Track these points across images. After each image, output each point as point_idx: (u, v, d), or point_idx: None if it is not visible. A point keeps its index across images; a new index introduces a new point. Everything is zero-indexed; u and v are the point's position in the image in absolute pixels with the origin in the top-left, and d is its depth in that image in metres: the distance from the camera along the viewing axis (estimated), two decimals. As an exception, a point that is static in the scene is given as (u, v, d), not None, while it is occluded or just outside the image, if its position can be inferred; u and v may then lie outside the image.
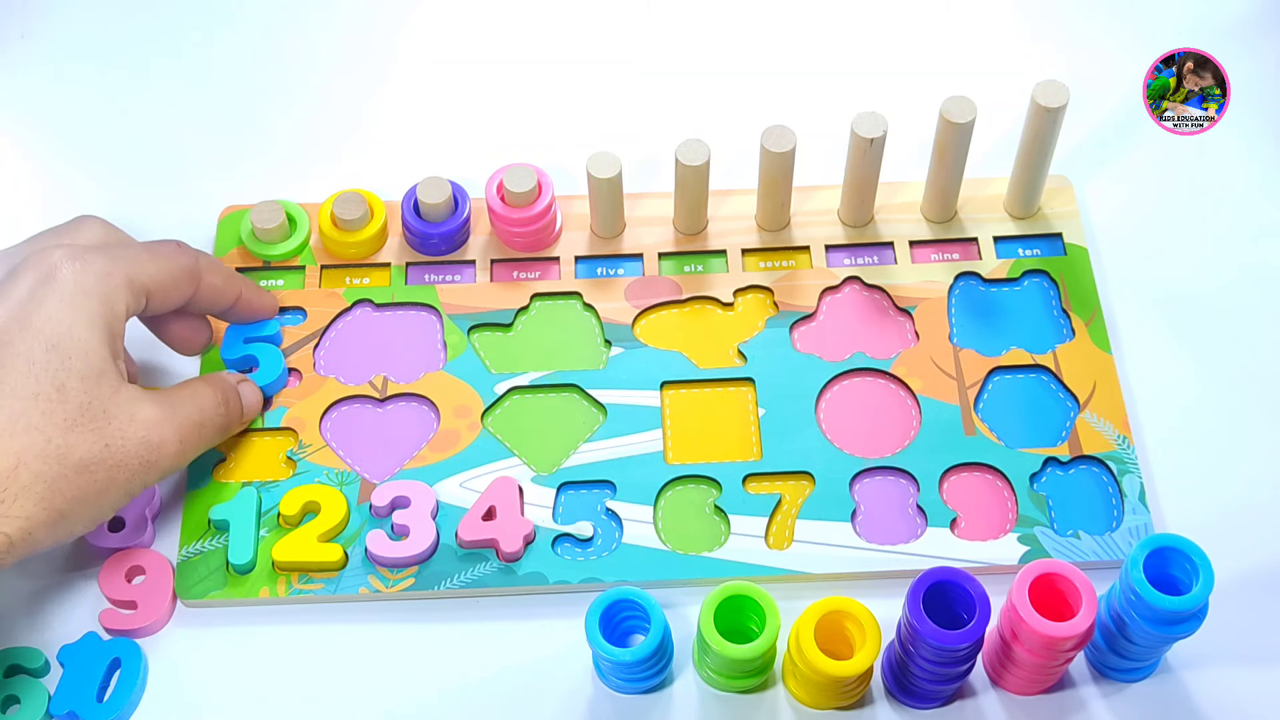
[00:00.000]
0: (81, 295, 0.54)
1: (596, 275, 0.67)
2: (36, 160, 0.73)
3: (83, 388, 0.53)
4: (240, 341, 0.63)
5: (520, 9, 0.78)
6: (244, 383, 0.62)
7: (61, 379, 0.53)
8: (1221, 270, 0.67)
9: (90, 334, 0.54)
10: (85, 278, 0.55)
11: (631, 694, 0.57)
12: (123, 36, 0.76)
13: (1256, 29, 0.75)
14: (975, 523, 0.60)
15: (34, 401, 0.52)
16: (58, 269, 0.54)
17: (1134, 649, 0.54)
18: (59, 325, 0.53)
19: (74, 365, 0.53)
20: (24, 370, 0.52)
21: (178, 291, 0.59)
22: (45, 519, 0.52)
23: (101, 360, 0.54)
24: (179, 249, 0.59)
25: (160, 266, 0.58)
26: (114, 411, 0.54)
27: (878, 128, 0.62)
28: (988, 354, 0.64)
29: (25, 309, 0.53)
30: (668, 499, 0.61)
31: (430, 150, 0.72)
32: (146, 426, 0.55)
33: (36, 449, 0.51)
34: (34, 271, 0.54)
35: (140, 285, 0.57)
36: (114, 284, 0.55)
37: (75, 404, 0.53)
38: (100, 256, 0.56)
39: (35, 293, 0.54)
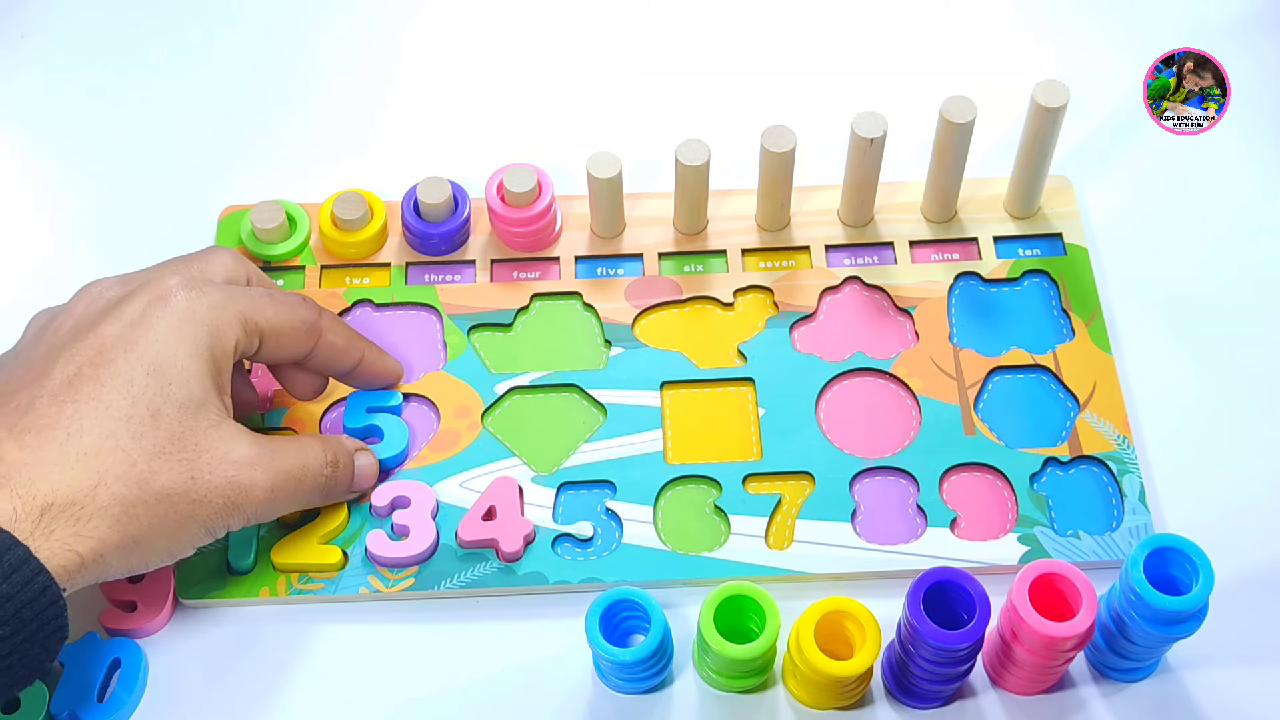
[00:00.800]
0: (191, 323, 0.54)
1: (596, 275, 0.67)
2: (36, 160, 0.73)
3: (178, 416, 0.52)
4: (363, 410, 0.62)
5: (520, 9, 0.78)
6: (362, 451, 0.60)
7: (158, 404, 0.52)
8: (1221, 270, 0.67)
9: (194, 363, 0.53)
10: (198, 305, 0.54)
11: (631, 694, 0.57)
12: (122, 36, 0.76)
13: (1256, 29, 0.75)
14: (975, 523, 0.60)
15: (125, 423, 0.51)
16: (172, 294, 0.54)
17: (1134, 649, 0.54)
18: (164, 349, 0.53)
19: (172, 392, 0.52)
20: (122, 390, 0.52)
21: (294, 342, 0.58)
22: (118, 542, 0.50)
23: (202, 390, 0.53)
24: (303, 302, 0.58)
25: (279, 312, 0.57)
26: (206, 445, 0.53)
27: (878, 128, 0.62)
28: (988, 354, 0.64)
29: (134, 329, 0.53)
30: (668, 499, 0.61)
31: (430, 150, 0.72)
32: (238, 467, 0.54)
33: (119, 470, 0.50)
34: (148, 294, 0.54)
35: (255, 325, 0.56)
36: (226, 317, 0.55)
37: (167, 431, 0.52)
38: (218, 290, 0.55)
39: (146, 314, 0.53)
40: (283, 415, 0.63)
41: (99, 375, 0.52)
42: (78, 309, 0.55)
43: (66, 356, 0.52)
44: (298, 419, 0.63)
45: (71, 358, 0.52)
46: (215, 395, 0.54)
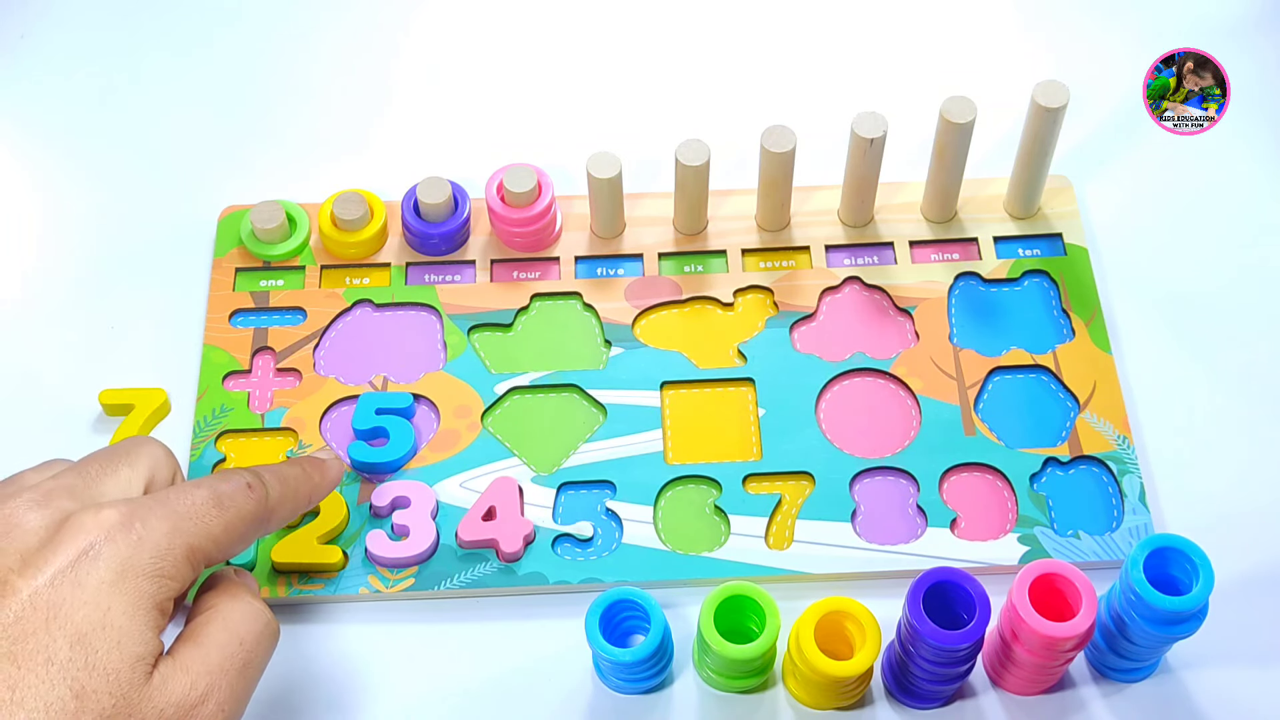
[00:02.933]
0: (130, 577, 0.45)
1: (596, 275, 0.67)
2: (36, 160, 0.73)
3: (107, 689, 0.44)
4: (373, 412, 0.62)
5: (520, 9, 0.78)
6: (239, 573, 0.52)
7: (82, 682, 0.44)
8: (1221, 270, 0.67)
9: (130, 621, 0.45)
10: (139, 556, 0.45)
11: (631, 694, 0.57)
12: (122, 37, 0.76)
13: (1256, 29, 0.75)
14: (975, 523, 0.60)
15: (46, 713, 0.43)
16: (106, 543, 0.45)
17: (1134, 649, 0.54)
18: (92, 613, 0.44)
19: (100, 662, 0.44)
20: (40, 672, 0.43)
21: (243, 545, 0.50)
22: None
23: (139, 648, 0.45)
24: (249, 491, 0.50)
25: (227, 523, 0.48)
26: (141, 710, 0.45)
27: (878, 128, 0.62)
28: (988, 354, 0.64)
29: (57, 590, 0.44)
30: (668, 499, 0.61)
31: (430, 150, 0.72)
32: (179, 709, 0.45)
33: None
34: (77, 541, 0.45)
35: (202, 554, 0.47)
36: (172, 560, 0.46)
37: (93, 713, 0.44)
38: (161, 523, 0.46)
39: (75, 570, 0.44)
40: (283, 415, 0.63)
41: (14, 654, 0.43)
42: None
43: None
44: (297, 418, 0.63)
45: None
46: (151, 645, 0.45)
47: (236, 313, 0.66)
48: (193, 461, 0.62)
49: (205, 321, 0.65)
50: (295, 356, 0.64)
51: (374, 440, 0.62)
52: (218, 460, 0.62)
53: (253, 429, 0.62)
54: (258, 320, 0.66)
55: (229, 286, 0.66)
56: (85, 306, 0.67)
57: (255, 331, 0.65)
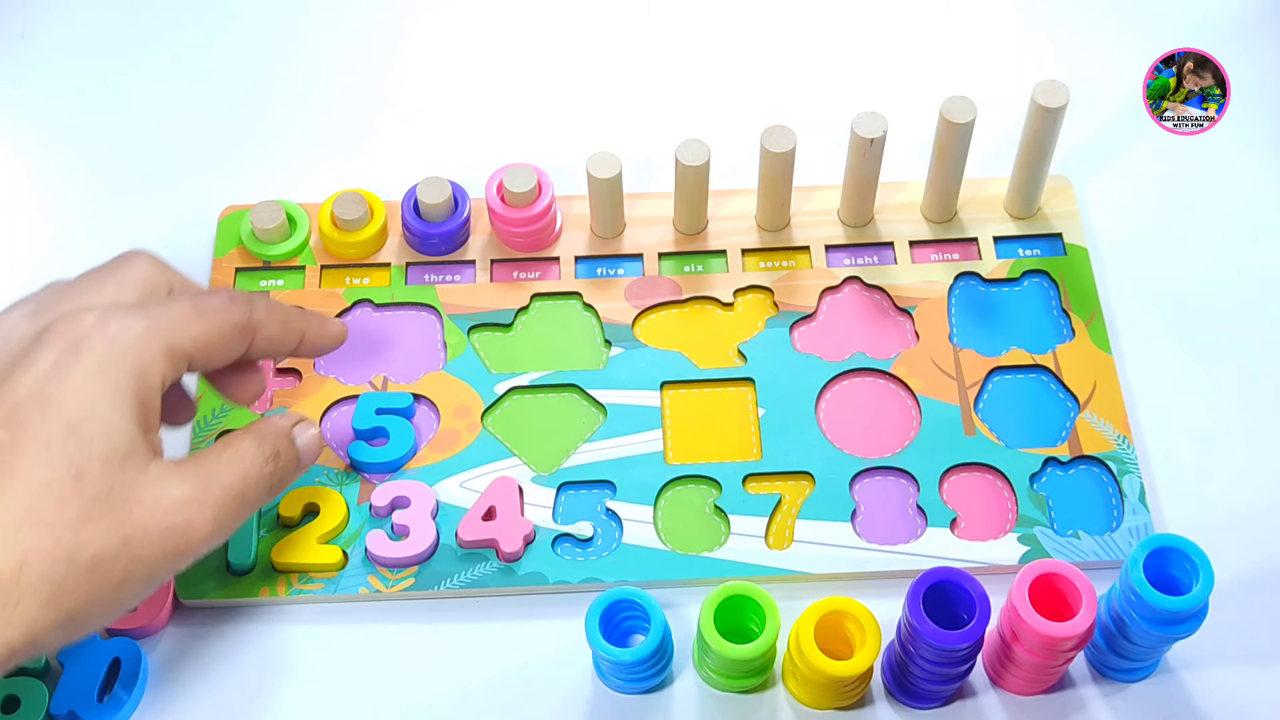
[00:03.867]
0: (111, 369, 0.49)
1: (596, 275, 0.67)
2: (37, 160, 0.73)
3: (103, 473, 0.48)
4: (373, 412, 0.61)
5: (520, 9, 0.78)
6: (301, 424, 0.56)
7: (80, 464, 0.48)
8: (1221, 270, 0.67)
9: (116, 413, 0.49)
10: (115, 349, 0.49)
11: (631, 694, 0.57)
12: (122, 37, 0.76)
13: (1256, 29, 0.75)
14: (975, 523, 0.60)
15: (47, 491, 0.47)
16: (86, 338, 0.49)
17: (1134, 649, 0.54)
18: (82, 403, 0.48)
19: (94, 448, 0.48)
20: (40, 455, 0.47)
21: (226, 351, 0.53)
22: (52, 622, 0.47)
23: (127, 441, 0.49)
24: (230, 303, 0.53)
25: (206, 326, 0.52)
26: (136, 498, 0.49)
27: (878, 128, 0.62)
28: (988, 354, 0.64)
29: (48, 383, 0.48)
30: (668, 499, 0.61)
31: (430, 150, 0.72)
32: (173, 511, 0.49)
33: (44, 548, 0.46)
34: (61, 340, 0.49)
35: (181, 351, 0.51)
36: (149, 354, 0.50)
37: (92, 493, 0.48)
38: (137, 320, 0.50)
39: (60, 365, 0.49)
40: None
41: (16, 440, 0.47)
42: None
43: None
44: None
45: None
46: (142, 440, 0.49)
47: (236, 313, 0.66)
48: (193, 461, 0.62)
49: (205, 321, 0.65)
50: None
51: (374, 440, 0.62)
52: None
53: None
54: (258, 320, 0.65)
55: (229, 287, 0.66)
56: (85, 306, 0.67)
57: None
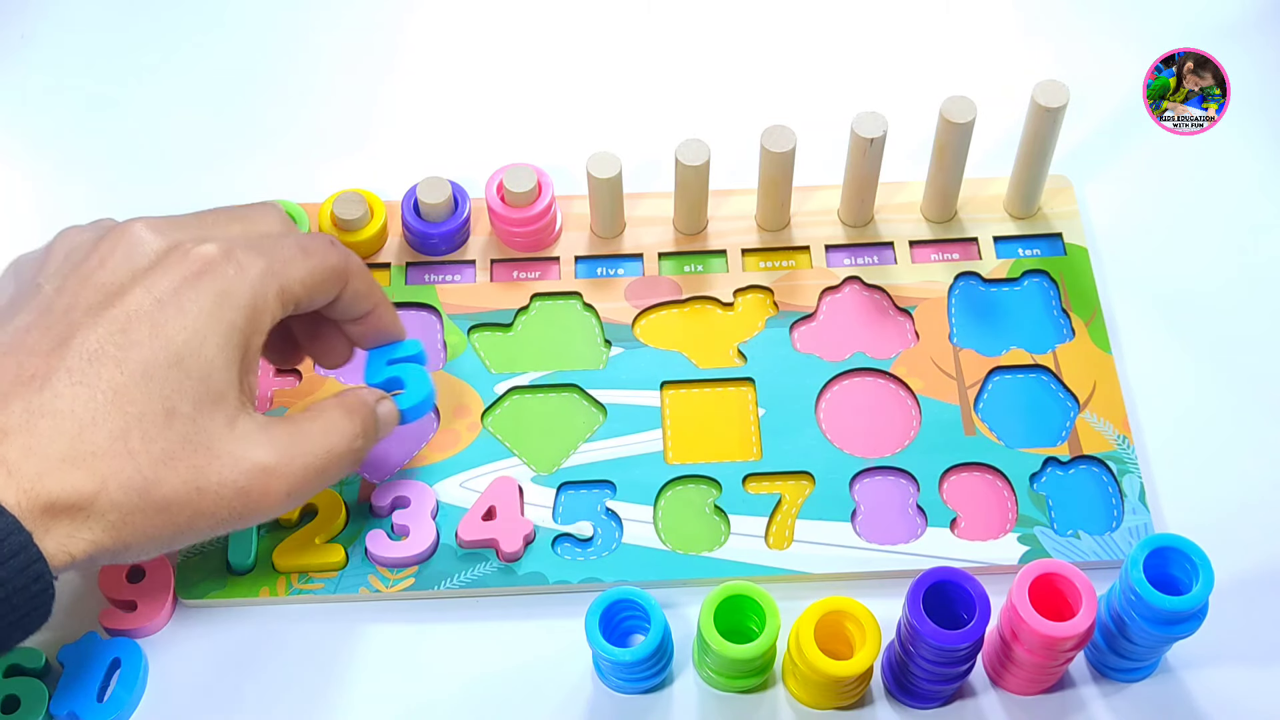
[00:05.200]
0: (227, 306, 0.49)
1: (596, 275, 0.67)
2: (36, 160, 0.73)
3: (193, 414, 0.48)
4: (384, 363, 0.59)
5: (520, 9, 0.78)
6: (384, 401, 0.56)
7: (174, 401, 0.48)
8: (1221, 270, 0.67)
9: (221, 353, 0.49)
10: (237, 286, 0.50)
11: (631, 694, 0.57)
12: (123, 38, 0.77)
13: (1256, 29, 0.75)
14: (975, 523, 0.60)
15: (138, 422, 0.47)
16: (208, 270, 0.49)
17: (1134, 649, 0.54)
18: (192, 337, 0.48)
19: (190, 387, 0.48)
20: (140, 381, 0.47)
21: (323, 294, 0.54)
22: (111, 546, 0.48)
23: (224, 384, 0.49)
24: (332, 246, 0.54)
25: (311, 266, 0.52)
26: (219, 450, 0.49)
27: (878, 128, 0.62)
28: (988, 354, 0.64)
29: (163, 309, 0.48)
30: (668, 499, 0.61)
31: (430, 150, 0.72)
32: (251, 475, 0.49)
33: (123, 477, 0.47)
34: (184, 265, 0.49)
35: (291, 294, 0.52)
36: (264, 294, 0.50)
37: (179, 433, 0.48)
38: (258, 259, 0.51)
39: (179, 292, 0.49)
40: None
41: (122, 358, 0.48)
42: (107, 256, 0.50)
43: (89, 325, 0.48)
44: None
45: (94, 327, 0.48)
46: (237, 385, 0.50)
47: (236, 313, 0.66)
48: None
49: (205, 321, 0.65)
50: (295, 356, 0.64)
51: (392, 391, 0.60)
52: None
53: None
54: (258, 320, 0.65)
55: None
56: (85, 306, 0.67)
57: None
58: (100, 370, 0.48)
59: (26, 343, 0.48)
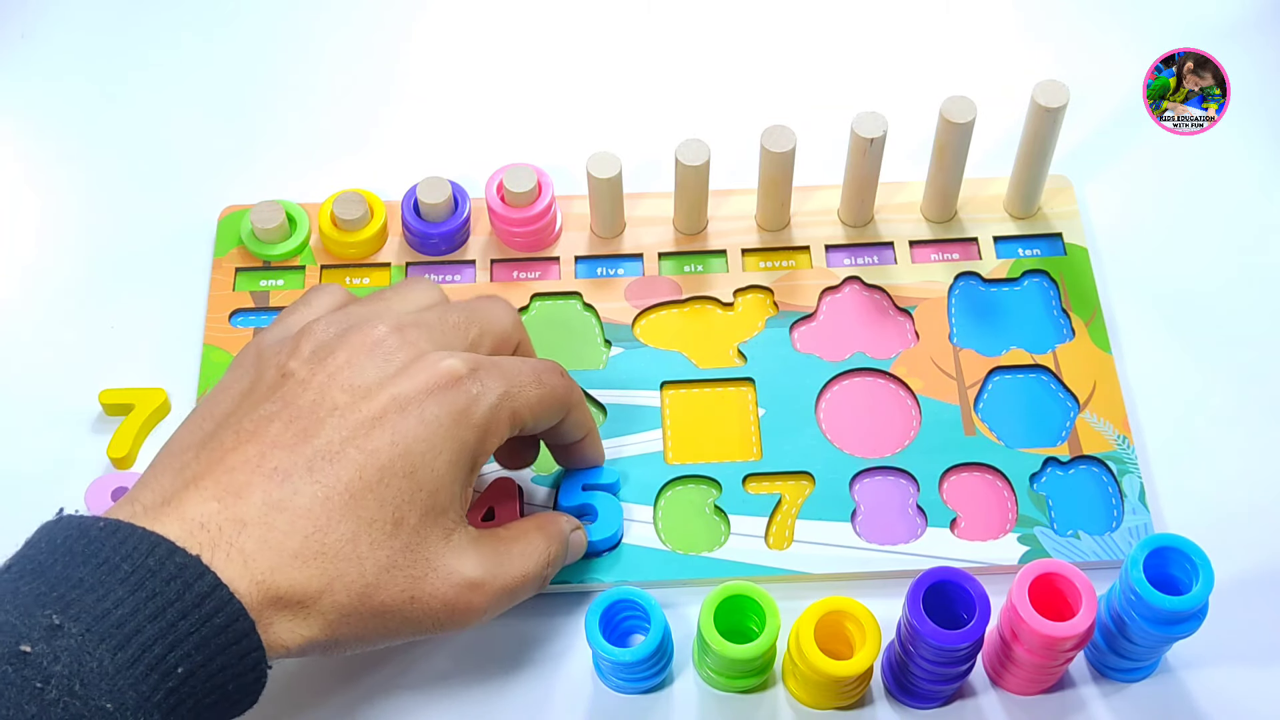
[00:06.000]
0: (464, 425, 0.50)
1: (596, 275, 0.67)
2: (36, 160, 0.73)
3: (419, 526, 0.49)
4: (579, 487, 0.59)
5: (520, 9, 0.78)
6: (577, 531, 0.57)
7: (404, 512, 0.48)
8: (1221, 270, 0.67)
9: (450, 469, 0.49)
10: (477, 407, 0.50)
11: (631, 694, 0.57)
12: (122, 37, 0.76)
13: (1256, 29, 0.75)
14: (975, 523, 0.60)
15: (369, 528, 0.48)
16: (455, 386, 0.50)
17: (1134, 649, 0.54)
18: (428, 450, 0.49)
19: (420, 499, 0.49)
20: (376, 488, 0.48)
21: (548, 422, 0.54)
22: (323, 641, 0.48)
23: (448, 499, 0.50)
24: (562, 376, 0.54)
25: (544, 395, 0.53)
26: (435, 563, 0.49)
27: (878, 128, 0.62)
28: (988, 354, 0.64)
29: (405, 418, 0.49)
30: (668, 499, 0.61)
31: (430, 150, 0.72)
32: (460, 589, 0.50)
33: (349, 579, 0.47)
34: (430, 376, 0.50)
35: (520, 419, 0.52)
36: (499, 418, 0.51)
37: (403, 543, 0.48)
38: (498, 382, 0.51)
39: (423, 404, 0.49)
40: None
41: (361, 464, 0.48)
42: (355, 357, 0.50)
43: (333, 425, 0.48)
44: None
45: (338, 428, 0.48)
46: (459, 501, 0.50)
47: (236, 312, 0.66)
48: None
49: (205, 321, 0.65)
50: (295, 356, 0.64)
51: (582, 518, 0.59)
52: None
53: (253, 429, 0.62)
54: (258, 320, 0.66)
55: (229, 286, 0.66)
56: (85, 306, 0.67)
57: (255, 331, 0.65)
58: (339, 471, 0.48)
59: (271, 433, 0.48)
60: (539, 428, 0.54)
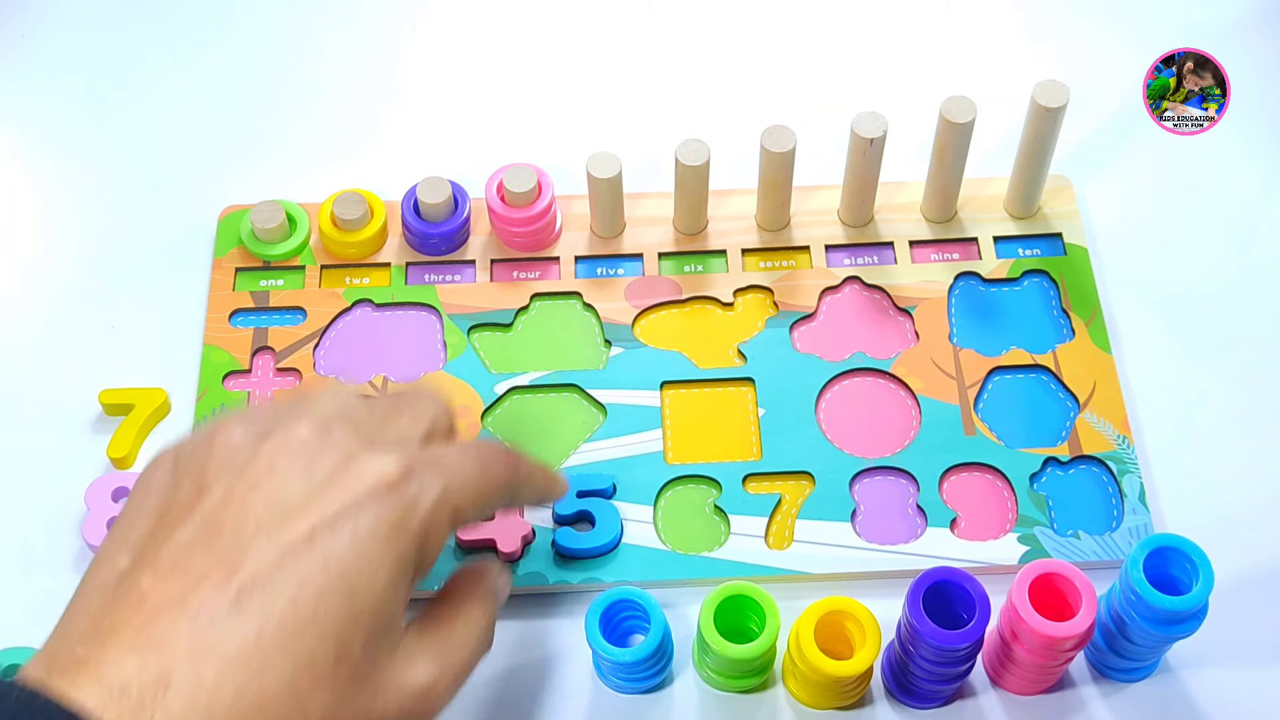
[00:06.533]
0: (402, 535, 0.45)
1: (596, 275, 0.67)
2: (36, 160, 0.73)
3: (363, 653, 0.44)
4: (573, 494, 0.59)
5: (520, 10, 0.78)
6: (501, 575, 0.52)
7: (345, 640, 0.43)
8: (1221, 270, 0.67)
9: (391, 587, 0.44)
10: (413, 512, 0.45)
11: (631, 694, 0.57)
12: (122, 37, 0.76)
13: (1256, 29, 0.75)
14: (975, 523, 0.60)
15: (309, 666, 0.42)
16: (391, 493, 0.45)
17: (1134, 649, 0.54)
18: (365, 569, 0.44)
19: (362, 623, 0.44)
20: (311, 620, 0.43)
21: (491, 509, 0.50)
22: None
23: (392, 615, 0.45)
24: (506, 459, 0.50)
25: (486, 487, 0.48)
26: (386, 683, 0.45)
27: (878, 128, 0.62)
28: (988, 354, 0.64)
29: (335, 535, 0.44)
30: (668, 499, 0.61)
31: (430, 150, 0.72)
32: (415, 699, 0.46)
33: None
34: (357, 486, 0.45)
35: (462, 517, 0.47)
36: (439, 521, 0.46)
37: (348, 675, 0.43)
38: (435, 480, 0.46)
39: (356, 517, 0.44)
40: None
41: (294, 594, 0.43)
42: (276, 462, 0.45)
43: (259, 548, 0.43)
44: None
45: (266, 550, 0.43)
46: (401, 611, 0.46)
47: (236, 312, 0.66)
48: (193, 461, 0.62)
49: (205, 321, 0.65)
50: (295, 356, 0.64)
51: (579, 524, 0.60)
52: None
53: (253, 429, 0.62)
54: (258, 320, 0.66)
55: (229, 286, 0.66)
56: (85, 306, 0.67)
57: (255, 331, 0.65)
58: (270, 603, 0.42)
59: (192, 565, 0.43)
60: (483, 516, 0.50)
